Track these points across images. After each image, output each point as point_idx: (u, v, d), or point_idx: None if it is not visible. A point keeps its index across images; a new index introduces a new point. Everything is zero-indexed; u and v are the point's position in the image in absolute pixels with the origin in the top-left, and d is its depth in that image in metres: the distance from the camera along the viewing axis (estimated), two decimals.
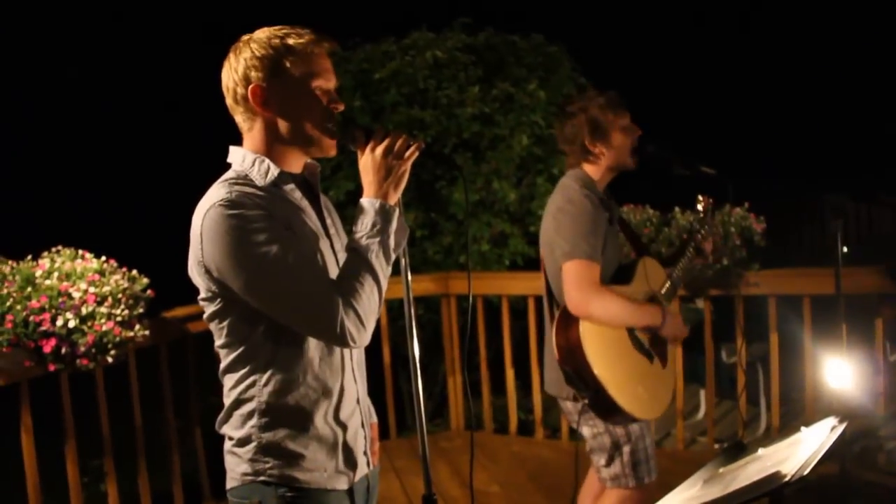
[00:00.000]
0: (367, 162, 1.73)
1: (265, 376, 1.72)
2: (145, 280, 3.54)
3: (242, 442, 1.74)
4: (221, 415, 1.79)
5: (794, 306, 4.15)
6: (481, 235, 5.41)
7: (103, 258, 3.46)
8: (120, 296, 3.33)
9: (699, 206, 3.04)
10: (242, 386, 1.73)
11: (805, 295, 4.03)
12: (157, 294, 3.57)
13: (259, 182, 1.73)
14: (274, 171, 1.75)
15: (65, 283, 3.21)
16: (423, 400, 1.81)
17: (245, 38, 1.77)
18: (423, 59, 5.27)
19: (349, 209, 5.22)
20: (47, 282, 3.21)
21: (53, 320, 3.13)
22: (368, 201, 1.71)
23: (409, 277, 1.80)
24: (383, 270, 1.71)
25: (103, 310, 3.23)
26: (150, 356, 3.81)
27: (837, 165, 10.85)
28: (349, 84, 5.21)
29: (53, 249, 3.43)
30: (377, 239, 1.69)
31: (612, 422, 2.73)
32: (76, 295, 3.19)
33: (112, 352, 3.26)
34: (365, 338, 1.67)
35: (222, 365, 1.77)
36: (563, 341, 2.65)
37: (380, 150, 1.71)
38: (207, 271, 1.65)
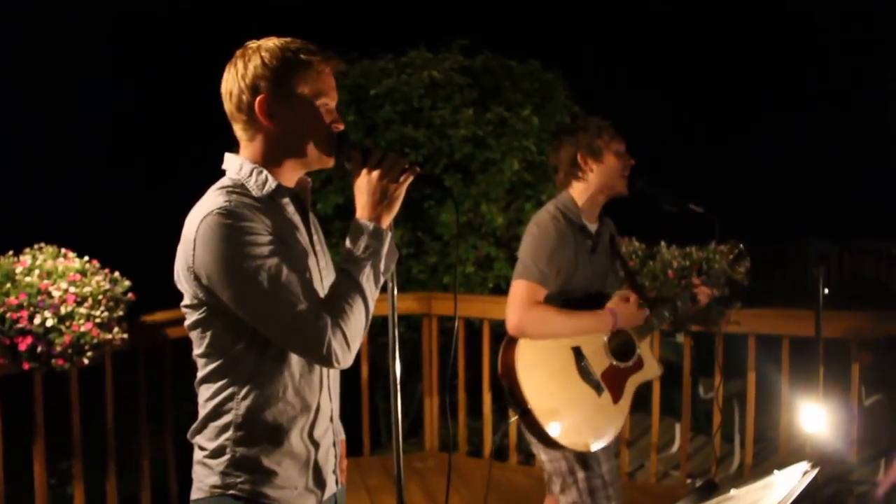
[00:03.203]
0: (363, 183, 1.72)
1: (244, 390, 1.70)
2: (127, 283, 3.52)
3: (215, 454, 1.72)
4: (195, 424, 1.77)
5: (772, 346, 4.17)
6: (467, 257, 5.41)
7: (86, 258, 3.44)
8: (100, 297, 3.31)
9: (725, 258, 3.05)
10: (220, 398, 1.72)
11: (784, 336, 4.05)
12: (137, 297, 3.55)
13: (255, 192, 1.72)
14: (272, 184, 1.74)
15: (45, 282, 3.19)
16: (396, 419, 1.80)
17: (253, 44, 1.75)
18: (420, 78, 5.29)
19: (336, 223, 5.22)
20: (27, 279, 3.18)
21: (31, 318, 3.10)
22: (362, 223, 1.71)
23: (396, 299, 1.80)
24: (372, 293, 1.70)
25: (83, 310, 3.21)
26: (126, 359, 3.77)
27: (821, 207, 10.96)
28: (344, 98, 5.21)
29: (36, 246, 3.41)
30: (369, 262, 1.69)
31: (555, 447, 2.72)
32: (56, 294, 3.17)
33: (89, 353, 3.24)
34: (349, 359, 1.66)
35: (200, 374, 1.75)
36: (504, 358, 2.73)
37: (376, 172, 1.71)
38: (197, 278, 1.64)
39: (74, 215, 10.32)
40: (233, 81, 1.74)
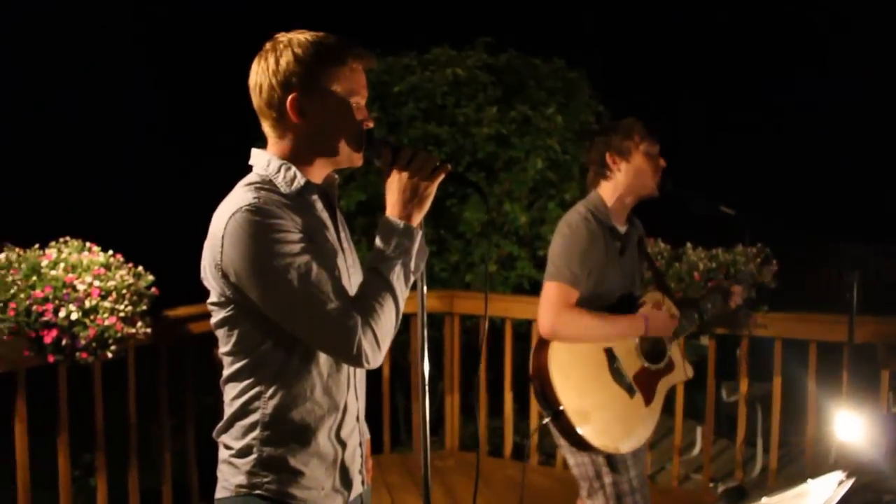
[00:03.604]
0: (393, 181, 1.71)
1: (271, 389, 1.69)
2: (150, 277, 3.52)
3: (242, 453, 1.71)
4: (221, 423, 1.76)
5: (798, 350, 4.12)
6: (489, 256, 5.39)
7: (110, 252, 3.45)
8: (124, 291, 3.31)
9: (754, 255, 3.01)
10: (246, 397, 1.70)
11: (811, 340, 3.99)
12: (160, 292, 3.56)
13: (284, 189, 1.70)
14: (300, 180, 1.71)
15: (70, 275, 3.20)
16: (423, 420, 1.79)
17: (284, 38, 1.72)
18: (443, 75, 5.27)
19: (359, 220, 5.21)
20: (53, 272, 3.19)
21: (56, 311, 3.11)
22: (392, 221, 1.68)
23: (425, 299, 1.79)
24: (402, 292, 1.68)
25: (107, 304, 3.21)
26: (149, 354, 3.78)
27: (849, 211, 10.81)
28: (367, 95, 5.19)
29: (61, 240, 3.42)
30: (399, 260, 1.67)
31: (587, 450, 2.71)
32: (81, 287, 3.18)
33: (112, 347, 3.24)
34: (379, 359, 1.64)
35: (226, 373, 1.73)
36: (536, 359, 2.71)
37: (407, 170, 1.69)
38: (224, 275, 1.62)
39: (99, 209, 10.40)
40: (263, 76, 1.70)
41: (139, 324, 3.36)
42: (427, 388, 1.80)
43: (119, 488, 3.72)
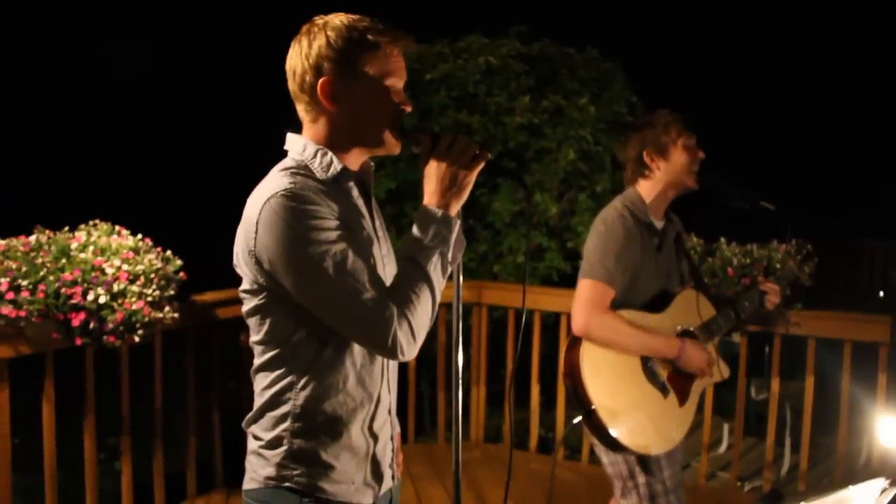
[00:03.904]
0: (432, 168, 1.66)
1: (303, 380, 1.65)
2: (179, 262, 3.51)
3: (272, 445, 1.67)
4: (251, 414, 1.72)
5: (830, 349, 4.04)
6: (518, 247, 5.34)
7: (139, 236, 3.44)
8: (152, 276, 3.30)
9: (794, 252, 2.94)
10: (278, 387, 1.67)
11: (846, 340, 3.90)
12: (188, 277, 3.55)
13: (320, 175, 1.66)
14: (337, 166, 1.67)
15: (99, 259, 3.19)
16: (456, 413, 1.76)
17: (319, 21, 1.68)
18: (476, 63, 5.21)
19: (388, 208, 5.18)
20: (82, 255, 3.19)
21: (84, 294, 3.11)
22: (430, 210, 1.64)
23: (461, 290, 1.76)
24: (439, 283, 1.63)
25: (135, 288, 3.20)
26: (176, 338, 3.78)
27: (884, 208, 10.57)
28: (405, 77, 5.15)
29: (91, 223, 3.42)
30: (437, 250, 1.62)
31: (620, 450, 2.66)
32: (109, 271, 3.17)
33: (140, 331, 3.23)
34: (414, 351, 1.60)
35: (257, 362, 1.70)
36: (568, 357, 2.66)
37: (446, 158, 1.65)
38: (258, 262, 1.58)
39: (128, 193, 10.45)
40: (297, 60, 1.67)
41: (167, 308, 3.35)
42: (461, 380, 1.77)
43: (144, 472, 3.74)
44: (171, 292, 3.41)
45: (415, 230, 1.64)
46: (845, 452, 4.03)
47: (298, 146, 1.70)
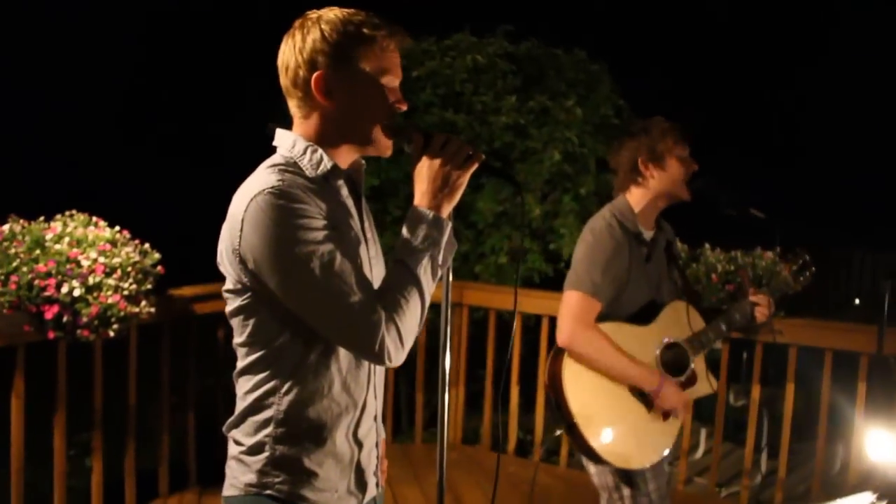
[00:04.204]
0: (423, 168, 1.60)
1: (288, 384, 1.59)
2: (157, 255, 3.44)
3: (254, 450, 1.61)
4: (232, 418, 1.66)
5: (809, 357, 4.03)
6: (500, 247, 5.30)
7: (117, 228, 3.37)
8: (129, 269, 3.23)
9: (787, 267, 2.90)
10: (261, 391, 1.61)
11: (827, 349, 3.90)
12: (165, 271, 3.48)
13: (309, 173, 1.60)
14: (327, 164, 1.62)
15: (75, 250, 3.12)
16: (441, 416, 1.72)
17: (313, 14, 1.62)
18: (463, 62, 5.16)
19: (370, 206, 5.12)
20: (57, 246, 3.12)
21: (59, 287, 3.03)
22: (421, 211, 1.59)
23: (450, 292, 1.72)
24: (429, 286, 1.58)
25: (111, 282, 3.13)
26: (151, 333, 3.71)
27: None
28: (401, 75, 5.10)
29: (67, 213, 3.34)
30: (427, 253, 1.57)
31: (601, 462, 2.61)
32: (85, 263, 3.10)
33: (115, 326, 3.16)
34: (402, 357, 1.55)
35: (240, 365, 1.64)
36: (550, 368, 2.61)
37: (438, 157, 1.60)
38: (242, 261, 1.53)
39: (105, 183, 10.30)
40: (290, 54, 1.61)
41: (143, 303, 3.28)
42: (448, 383, 1.74)
43: (115, 469, 3.66)
44: (149, 286, 3.34)
45: (405, 232, 1.59)
46: (823, 461, 4.03)
47: (288, 142, 1.65)
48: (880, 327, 2.57)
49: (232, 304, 1.62)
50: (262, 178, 1.55)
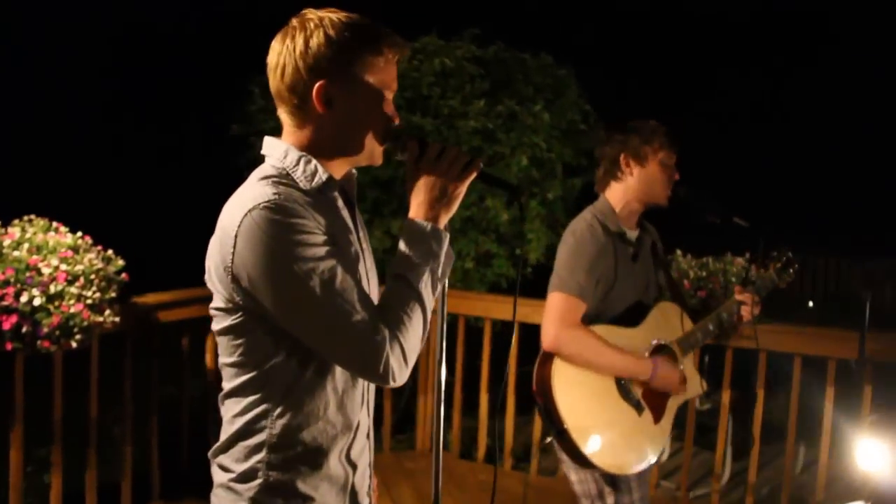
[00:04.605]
0: (420, 179, 1.55)
1: (281, 406, 1.51)
2: (121, 262, 3.32)
3: (245, 478, 1.53)
4: (220, 443, 1.57)
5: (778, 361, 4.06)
6: (468, 252, 5.26)
7: (79, 234, 3.24)
8: (93, 276, 3.11)
9: (771, 265, 2.90)
10: (251, 415, 1.52)
11: (797, 354, 3.93)
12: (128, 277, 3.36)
13: (303, 185, 1.53)
14: (322, 175, 1.54)
15: (34, 257, 2.99)
16: (437, 427, 1.66)
17: (313, 16, 1.52)
18: (430, 65, 5.11)
19: None
20: (15, 253, 2.98)
21: (17, 296, 2.90)
22: (418, 223, 1.52)
23: (445, 303, 1.68)
24: (430, 301, 1.52)
25: (73, 290, 3.01)
26: (113, 341, 3.58)
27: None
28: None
29: (26, 218, 3.20)
30: (428, 266, 1.51)
31: (590, 468, 2.59)
32: (46, 271, 2.97)
33: (77, 336, 3.04)
34: (405, 376, 1.48)
35: (228, 386, 1.56)
36: (539, 374, 2.58)
37: (436, 167, 1.53)
38: (236, 279, 1.45)
39: (66, 187, 9.97)
40: (288, 57, 1.51)
41: (107, 312, 3.16)
42: (442, 393, 1.69)
43: (75, 484, 3.52)
44: (113, 294, 3.22)
45: (402, 245, 1.53)
46: (792, 466, 4.06)
47: (279, 152, 1.56)
48: (861, 334, 2.58)
49: (221, 322, 1.53)
50: (256, 191, 1.47)
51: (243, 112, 5.29)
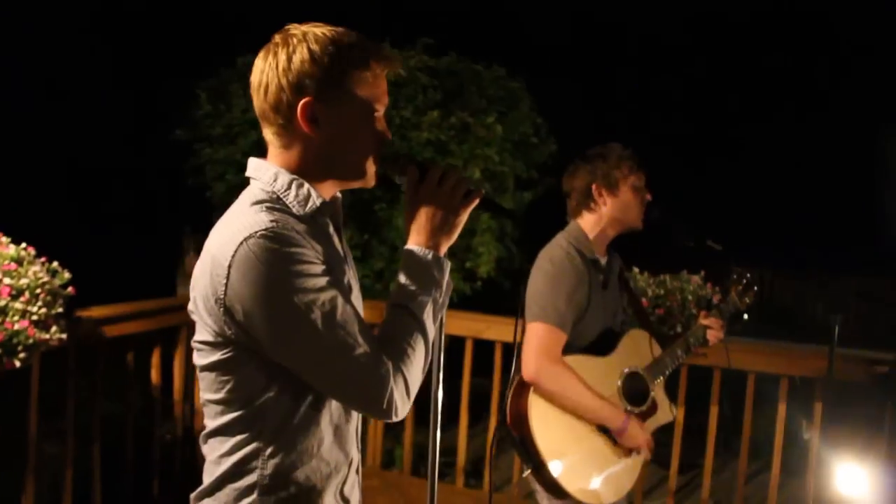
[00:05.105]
0: (421, 205, 1.49)
1: (272, 445, 1.43)
2: (67, 275, 3.15)
3: None
4: (205, 486, 1.48)
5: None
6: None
7: (22, 245, 3.05)
8: (38, 291, 2.94)
9: (733, 288, 2.91)
10: (241, 455, 1.44)
11: (750, 371, 3.98)
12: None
13: (296, 210, 1.45)
14: (316, 201, 1.47)
15: None
16: (433, 451, 1.62)
17: (297, 31, 1.46)
18: None
19: None
20: None
21: None
22: (419, 252, 1.47)
23: (444, 324, 1.65)
24: (432, 332, 1.47)
25: (18, 305, 2.84)
26: (54, 357, 3.39)
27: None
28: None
29: None
30: (429, 296, 1.45)
31: (566, 499, 2.56)
32: None
33: (21, 355, 2.87)
34: (407, 410, 1.42)
35: (213, 424, 1.46)
36: (514, 406, 2.53)
37: (437, 194, 1.48)
38: (228, 312, 1.36)
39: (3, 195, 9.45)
40: (271, 75, 1.44)
41: (53, 328, 2.99)
42: (440, 416, 1.67)
43: None
44: (59, 309, 3.05)
45: (403, 275, 1.48)
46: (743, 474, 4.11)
47: (268, 176, 1.48)
48: (830, 354, 2.63)
49: (207, 357, 1.44)
50: (249, 218, 1.39)
51: (188, 117, 5.12)
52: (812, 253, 9.99)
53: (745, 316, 3.06)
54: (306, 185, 1.47)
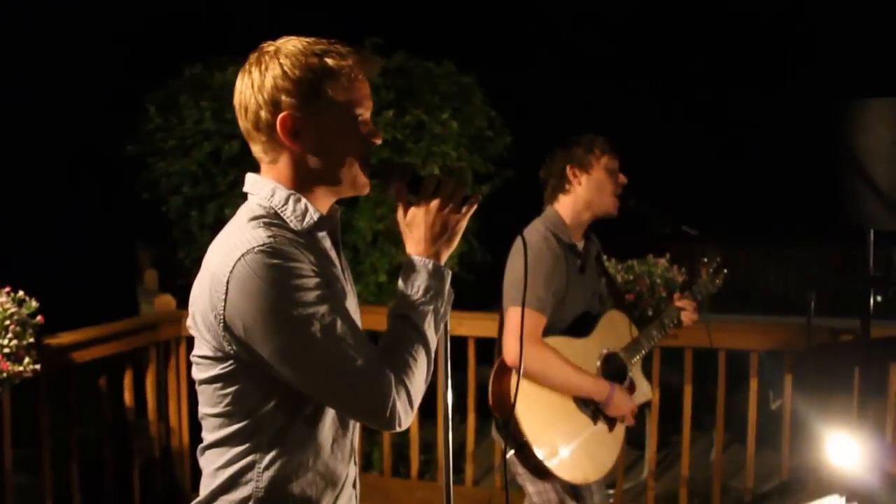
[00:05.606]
0: (418, 214, 1.50)
1: (268, 457, 1.44)
2: (34, 304, 3.07)
3: None
4: (201, 499, 1.49)
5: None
6: (381, 266, 5.18)
7: None
8: (7, 322, 2.87)
9: (703, 271, 2.98)
10: (237, 467, 1.44)
11: (721, 349, 4.07)
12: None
13: (294, 225, 1.46)
14: (313, 215, 1.48)
15: None
16: (447, 455, 1.65)
17: (270, 47, 1.47)
18: None
19: None
20: None
21: None
22: (418, 261, 1.48)
23: (449, 328, 1.63)
24: (434, 342, 1.48)
25: None
26: (26, 386, 3.30)
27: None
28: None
29: None
30: (430, 306, 1.46)
31: (549, 480, 2.62)
32: None
33: None
34: (409, 421, 1.43)
35: (211, 437, 1.47)
36: (496, 388, 2.59)
37: (434, 202, 1.48)
38: (228, 327, 1.36)
39: None
40: (248, 94, 1.46)
41: (26, 359, 2.92)
42: (451, 420, 1.64)
43: None
44: (30, 339, 2.98)
45: (403, 284, 1.49)
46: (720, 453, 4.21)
47: (265, 191, 1.49)
48: (808, 327, 2.72)
49: (206, 371, 1.45)
50: (247, 234, 1.39)
51: (139, 131, 5.01)
52: (762, 225, 10.19)
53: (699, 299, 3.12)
54: (304, 200, 1.48)
